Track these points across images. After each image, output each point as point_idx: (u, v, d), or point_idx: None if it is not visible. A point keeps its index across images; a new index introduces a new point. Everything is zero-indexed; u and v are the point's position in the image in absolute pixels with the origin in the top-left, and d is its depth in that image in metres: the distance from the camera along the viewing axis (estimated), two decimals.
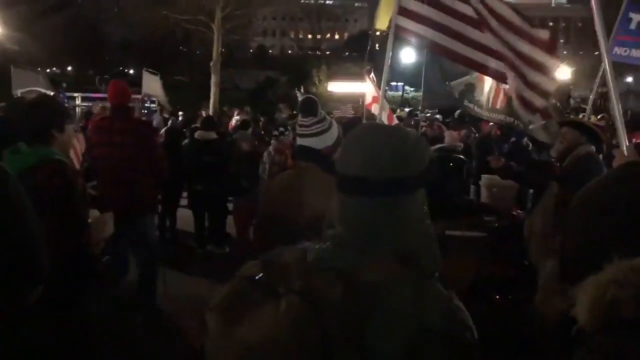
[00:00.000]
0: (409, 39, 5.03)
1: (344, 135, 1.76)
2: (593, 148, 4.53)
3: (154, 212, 5.72)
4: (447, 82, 7.75)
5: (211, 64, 22.35)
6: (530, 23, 4.76)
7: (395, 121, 11.01)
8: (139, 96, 16.53)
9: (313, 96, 5.14)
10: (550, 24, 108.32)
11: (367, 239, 1.13)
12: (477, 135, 9.98)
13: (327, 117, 2.93)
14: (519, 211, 5.52)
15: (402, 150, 1.17)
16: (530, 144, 8.49)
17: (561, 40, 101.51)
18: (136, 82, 17.73)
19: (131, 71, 37.67)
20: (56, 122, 2.90)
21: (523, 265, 4.01)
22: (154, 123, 14.71)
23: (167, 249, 7.14)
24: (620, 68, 40.50)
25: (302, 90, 14.11)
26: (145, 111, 17.00)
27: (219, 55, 22.42)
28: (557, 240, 1.34)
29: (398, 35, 4.86)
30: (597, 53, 9.03)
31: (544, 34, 4.67)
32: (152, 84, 17.53)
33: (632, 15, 9.38)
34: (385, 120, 7.02)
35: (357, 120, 5.73)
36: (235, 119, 13.24)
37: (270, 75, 40.19)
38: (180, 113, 14.64)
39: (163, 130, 8.93)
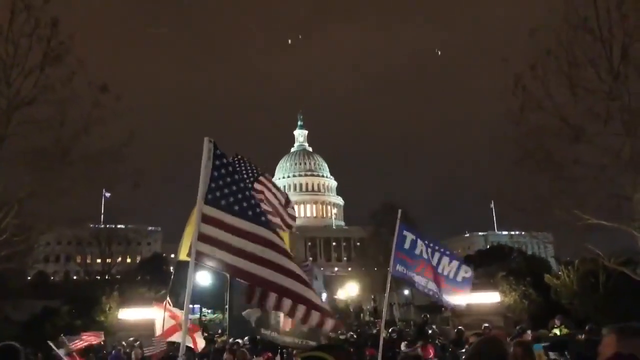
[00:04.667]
0: (208, 264, 5.07)
1: None
2: None
3: None
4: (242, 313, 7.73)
5: None
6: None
7: (202, 344, 10.33)
8: None
9: (13, 344, 4.35)
10: (334, 243, 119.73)
11: None
12: None
13: None
14: None
15: None
16: None
17: (345, 258, 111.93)
18: None
19: None
20: None
21: None
22: None
23: None
24: (398, 282, 45.25)
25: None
26: None
27: None
28: None
29: (198, 261, 4.87)
30: (376, 269, 10.00)
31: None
32: None
33: (405, 233, 10.67)
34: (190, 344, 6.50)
35: None
36: None
37: (49, 304, 36.20)
38: None
39: None
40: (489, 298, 26.11)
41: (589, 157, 17.83)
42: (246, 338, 14.44)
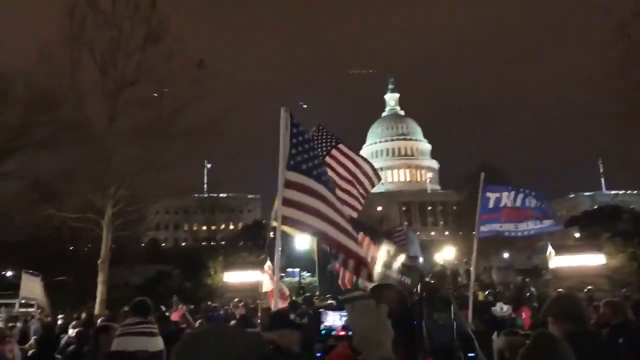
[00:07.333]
0: (294, 228, 5.39)
1: None
2: None
3: None
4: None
5: (99, 261, 21.43)
6: None
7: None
8: (15, 300, 15.68)
9: (146, 299, 5.72)
10: (429, 208, 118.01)
11: None
12: None
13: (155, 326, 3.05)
14: None
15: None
16: None
17: (441, 222, 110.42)
18: (14, 285, 16.90)
19: (9, 273, 35.16)
20: None
21: None
22: (32, 329, 13.47)
23: None
24: (498, 245, 44.34)
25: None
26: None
27: (107, 252, 21.66)
28: None
29: (284, 225, 5.20)
30: (474, 232, 10.06)
31: None
32: (31, 287, 16.65)
33: (489, 194, 10.65)
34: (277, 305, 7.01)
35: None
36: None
37: (162, 269, 39.15)
38: (60, 316, 13.56)
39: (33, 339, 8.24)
40: (593, 260, 24.93)
41: None
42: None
